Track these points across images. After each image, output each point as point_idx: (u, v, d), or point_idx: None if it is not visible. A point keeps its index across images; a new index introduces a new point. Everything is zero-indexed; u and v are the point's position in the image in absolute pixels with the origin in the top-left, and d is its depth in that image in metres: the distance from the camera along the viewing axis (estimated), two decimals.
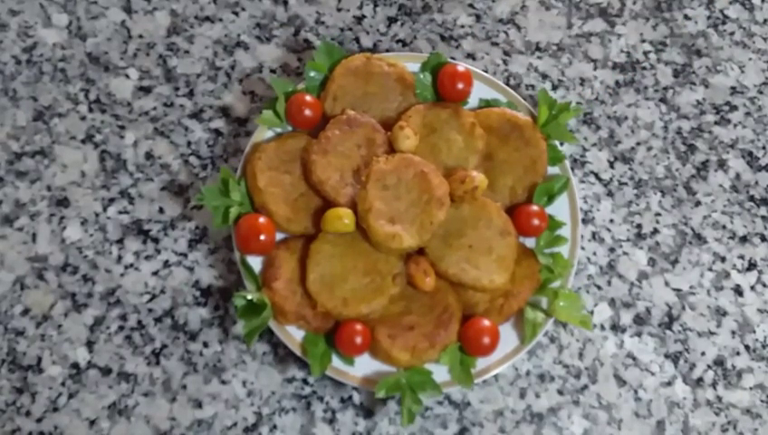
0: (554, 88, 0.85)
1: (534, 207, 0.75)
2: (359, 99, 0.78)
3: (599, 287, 0.79)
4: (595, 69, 0.87)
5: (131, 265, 0.76)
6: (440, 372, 0.71)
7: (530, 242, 0.76)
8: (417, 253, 0.73)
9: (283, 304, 0.71)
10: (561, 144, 0.80)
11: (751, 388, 0.77)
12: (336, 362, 0.71)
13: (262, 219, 0.72)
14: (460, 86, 0.78)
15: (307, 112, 0.76)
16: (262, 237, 0.72)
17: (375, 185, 0.72)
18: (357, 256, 0.72)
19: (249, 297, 0.70)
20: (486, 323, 0.71)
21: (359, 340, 0.70)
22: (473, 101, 0.80)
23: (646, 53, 0.88)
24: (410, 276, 0.72)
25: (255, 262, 0.73)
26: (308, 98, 0.76)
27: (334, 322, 0.72)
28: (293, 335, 0.72)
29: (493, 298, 0.73)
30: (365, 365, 0.72)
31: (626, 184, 0.83)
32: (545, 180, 0.77)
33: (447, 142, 0.76)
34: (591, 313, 0.78)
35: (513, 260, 0.73)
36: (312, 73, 0.79)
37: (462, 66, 0.79)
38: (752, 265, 0.81)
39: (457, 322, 0.72)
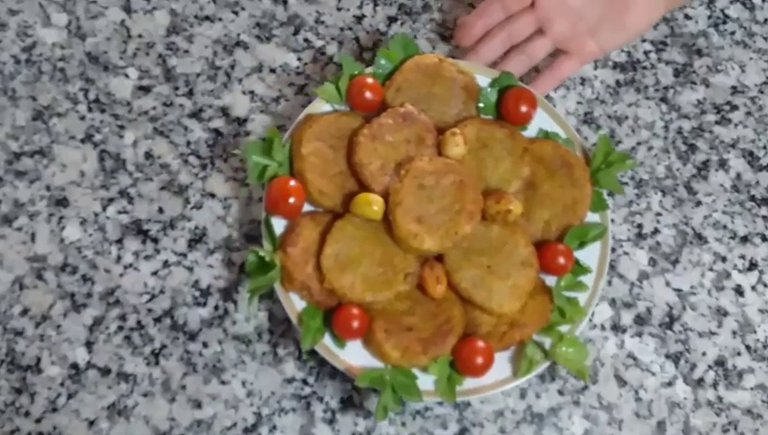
0: (555, 88, 0.85)
1: (563, 247, 0.74)
2: (421, 96, 0.78)
3: None
4: (595, 68, 0.87)
5: (131, 265, 0.76)
6: (426, 380, 0.70)
7: (551, 281, 0.75)
8: (436, 258, 0.73)
9: (292, 270, 0.71)
10: (611, 194, 0.80)
11: (752, 388, 0.77)
12: (328, 341, 0.71)
13: (293, 183, 0.73)
14: (523, 109, 0.77)
15: (367, 95, 0.76)
16: (291, 200, 0.73)
17: (412, 181, 0.72)
18: (376, 244, 0.72)
19: (262, 254, 0.71)
20: (483, 344, 0.70)
21: (355, 324, 0.70)
22: (532, 130, 0.79)
23: (646, 53, 0.88)
24: (422, 279, 0.72)
25: (279, 226, 0.74)
26: (370, 81, 0.77)
27: (337, 302, 0.72)
28: (294, 304, 0.72)
29: (498, 323, 0.72)
30: (356, 353, 0.71)
31: (626, 184, 0.82)
32: (581, 225, 0.76)
33: (495, 161, 0.76)
34: (592, 313, 0.78)
35: (527, 292, 0.72)
36: (383, 61, 0.79)
37: (530, 91, 0.78)
38: (753, 265, 0.81)
39: (456, 336, 0.71)
